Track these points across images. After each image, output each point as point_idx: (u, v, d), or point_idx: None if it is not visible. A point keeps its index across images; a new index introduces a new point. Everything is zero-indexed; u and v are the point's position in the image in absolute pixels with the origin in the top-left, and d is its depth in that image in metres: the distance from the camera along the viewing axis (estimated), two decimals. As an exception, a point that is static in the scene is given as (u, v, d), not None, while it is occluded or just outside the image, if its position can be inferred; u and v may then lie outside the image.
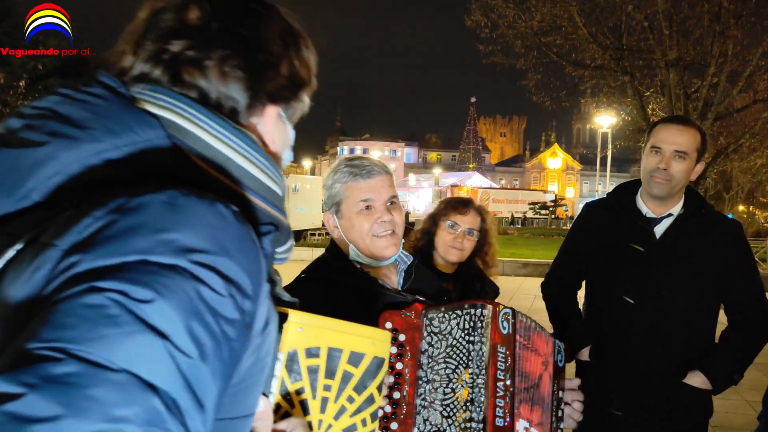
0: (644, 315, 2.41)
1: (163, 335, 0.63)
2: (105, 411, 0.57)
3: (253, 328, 0.77)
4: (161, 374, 0.62)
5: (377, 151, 66.04)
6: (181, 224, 0.69)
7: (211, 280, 0.68)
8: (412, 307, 1.67)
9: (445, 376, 1.58)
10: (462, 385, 1.55)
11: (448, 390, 1.56)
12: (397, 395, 1.60)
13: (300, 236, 29.23)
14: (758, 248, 18.42)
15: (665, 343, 2.41)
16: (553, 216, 55.36)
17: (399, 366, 1.62)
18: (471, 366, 1.55)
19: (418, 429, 1.55)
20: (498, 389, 1.53)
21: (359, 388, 1.11)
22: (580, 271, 2.72)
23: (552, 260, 2.93)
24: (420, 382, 1.59)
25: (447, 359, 1.58)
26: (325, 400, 1.06)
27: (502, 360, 1.56)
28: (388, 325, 1.65)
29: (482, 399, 1.52)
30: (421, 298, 1.75)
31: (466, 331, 1.58)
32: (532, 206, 58.02)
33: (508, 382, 1.55)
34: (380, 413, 1.57)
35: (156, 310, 0.64)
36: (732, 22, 14.22)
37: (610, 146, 28.98)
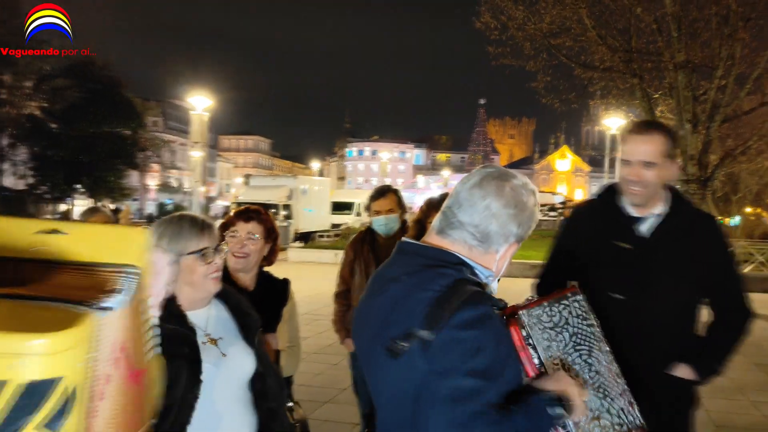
0: (633, 310, 2.48)
1: None
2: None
3: None
4: None
5: (386, 153, 65.91)
6: None
7: None
8: (510, 308, 1.60)
9: (583, 362, 1.61)
10: (604, 364, 1.66)
11: (593, 372, 1.62)
12: None
13: (308, 238, 29.28)
14: (765, 250, 18.31)
15: (652, 337, 2.49)
16: (561, 218, 55.05)
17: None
18: (602, 344, 1.67)
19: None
20: None
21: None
22: (571, 270, 2.78)
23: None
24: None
25: (577, 347, 1.61)
26: None
27: None
28: None
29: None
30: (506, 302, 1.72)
31: (580, 318, 1.68)
32: (540, 208, 57.73)
33: None
34: None
35: None
36: (740, 25, 14.21)
37: (619, 148, 28.89)
